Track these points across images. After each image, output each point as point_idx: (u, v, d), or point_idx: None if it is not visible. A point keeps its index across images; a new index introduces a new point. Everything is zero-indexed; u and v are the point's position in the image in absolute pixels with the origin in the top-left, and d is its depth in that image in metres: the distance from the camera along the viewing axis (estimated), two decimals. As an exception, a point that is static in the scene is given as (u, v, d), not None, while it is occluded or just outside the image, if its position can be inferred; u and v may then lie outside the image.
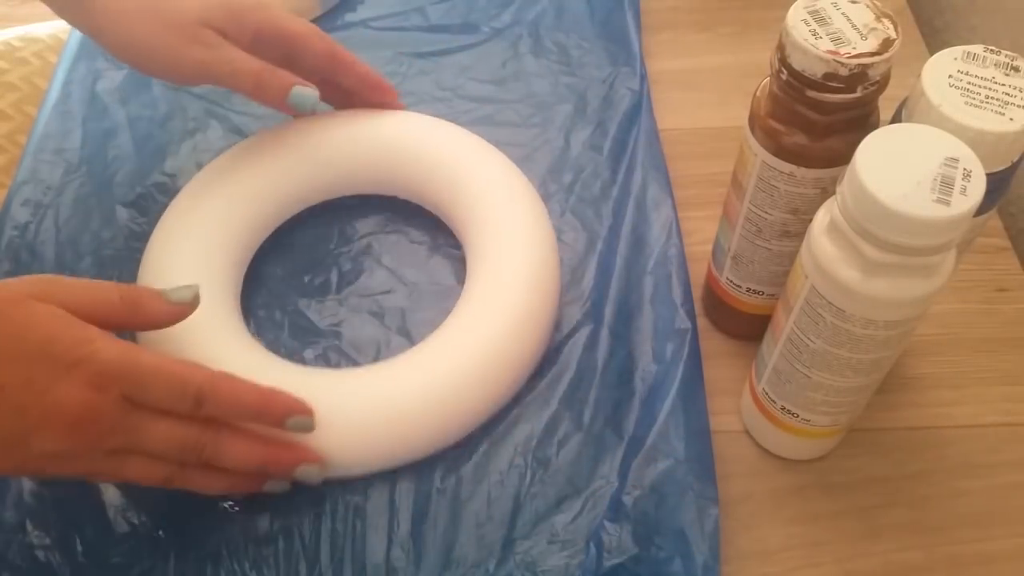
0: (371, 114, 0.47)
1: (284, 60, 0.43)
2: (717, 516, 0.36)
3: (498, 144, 0.48)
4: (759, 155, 0.34)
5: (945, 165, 0.27)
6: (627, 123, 0.51)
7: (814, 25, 0.31)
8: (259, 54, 0.42)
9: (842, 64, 0.30)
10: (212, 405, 0.33)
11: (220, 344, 0.39)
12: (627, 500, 0.37)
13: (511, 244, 0.42)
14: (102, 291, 0.33)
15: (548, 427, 0.40)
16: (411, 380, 0.38)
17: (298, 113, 0.44)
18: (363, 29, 0.57)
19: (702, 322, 0.44)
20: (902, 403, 0.41)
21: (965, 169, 0.27)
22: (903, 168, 0.27)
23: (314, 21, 0.58)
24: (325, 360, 0.43)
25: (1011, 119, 0.29)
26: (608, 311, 0.43)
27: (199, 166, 0.50)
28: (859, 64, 0.30)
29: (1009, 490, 0.39)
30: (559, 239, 0.47)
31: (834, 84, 0.31)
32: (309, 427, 0.36)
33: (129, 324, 0.34)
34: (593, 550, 0.36)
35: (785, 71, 0.31)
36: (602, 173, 0.49)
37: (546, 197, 0.48)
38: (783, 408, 0.37)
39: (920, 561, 0.37)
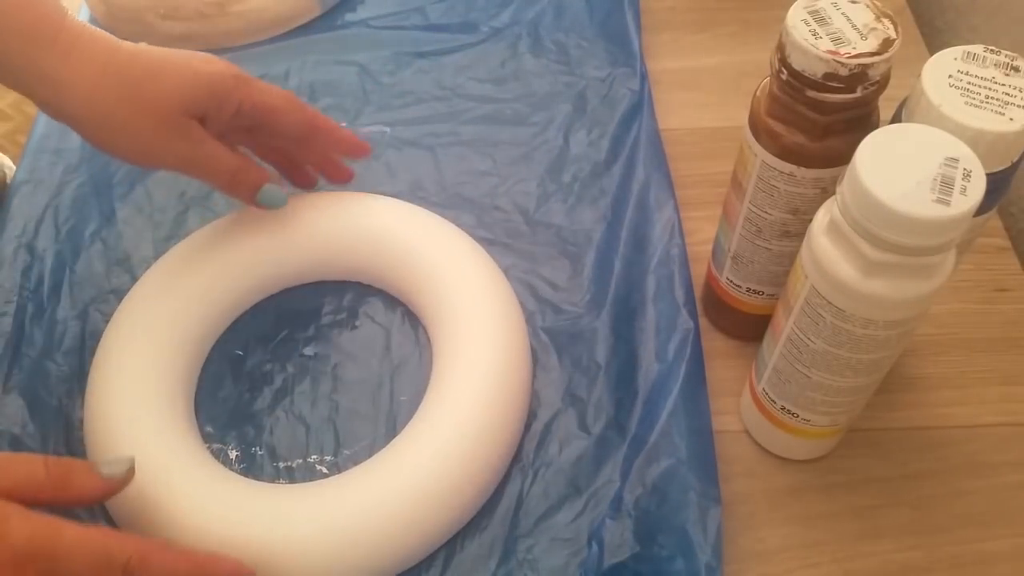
0: (333, 199, 0.45)
1: (258, 131, 0.42)
2: (720, 515, 0.36)
3: (497, 143, 0.48)
4: (759, 155, 0.34)
5: (945, 165, 0.27)
6: (626, 123, 0.51)
7: (814, 25, 0.31)
8: (237, 125, 0.41)
9: (842, 64, 0.30)
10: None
11: (170, 456, 0.37)
12: (629, 499, 0.37)
13: (478, 344, 0.39)
14: (27, 465, 0.31)
15: (550, 426, 0.40)
16: (361, 500, 0.36)
17: (266, 209, 0.43)
18: (363, 28, 0.57)
19: (702, 322, 0.44)
20: (902, 403, 0.42)
21: (965, 169, 0.27)
22: (903, 168, 0.27)
23: (314, 21, 0.58)
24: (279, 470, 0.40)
25: (1011, 119, 0.29)
26: (609, 310, 0.43)
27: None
28: (859, 64, 0.30)
29: (1009, 490, 0.39)
30: (558, 237, 0.47)
31: (834, 84, 0.31)
32: None
33: (58, 500, 0.32)
34: (595, 548, 0.36)
35: (785, 71, 0.31)
36: (601, 173, 0.49)
37: (545, 197, 0.48)
38: (783, 408, 0.37)
39: (921, 561, 0.37)
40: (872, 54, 0.30)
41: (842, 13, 0.31)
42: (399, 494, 0.36)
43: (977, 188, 0.27)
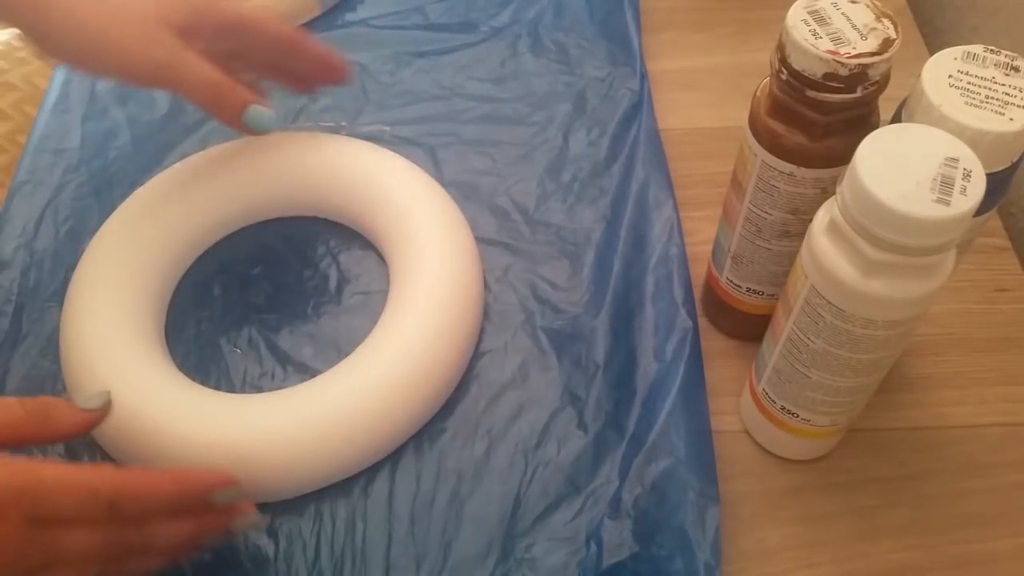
0: (291, 138, 0.47)
1: (243, 50, 0.42)
2: (719, 515, 0.36)
3: (497, 143, 0.48)
4: (759, 155, 0.34)
5: (945, 165, 0.27)
6: (626, 122, 0.51)
7: (814, 25, 0.31)
8: (218, 47, 0.40)
9: (842, 64, 0.30)
10: (128, 506, 0.31)
11: (143, 376, 0.39)
12: (628, 498, 0.37)
13: (431, 256, 0.42)
14: (4, 409, 0.31)
15: (549, 425, 0.40)
16: (334, 399, 0.38)
17: (253, 133, 0.42)
18: (363, 28, 0.57)
19: (702, 322, 0.44)
20: (902, 403, 0.41)
21: (965, 169, 0.27)
22: (903, 168, 0.27)
23: (314, 21, 0.58)
24: (250, 383, 0.43)
25: (1011, 119, 0.29)
26: (608, 310, 0.43)
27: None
28: (859, 64, 0.30)
29: (1010, 490, 0.39)
30: (558, 236, 0.47)
31: (834, 84, 0.30)
32: (239, 496, 0.34)
33: (40, 438, 0.32)
34: (593, 548, 0.36)
35: (785, 71, 0.31)
36: (601, 172, 0.49)
37: (544, 196, 0.48)
38: (783, 408, 0.37)
39: (921, 561, 0.37)
40: (872, 54, 0.30)
41: (842, 13, 0.31)
42: (367, 390, 0.38)
43: (977, 188, 0.27)
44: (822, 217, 0.31)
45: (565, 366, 0.42)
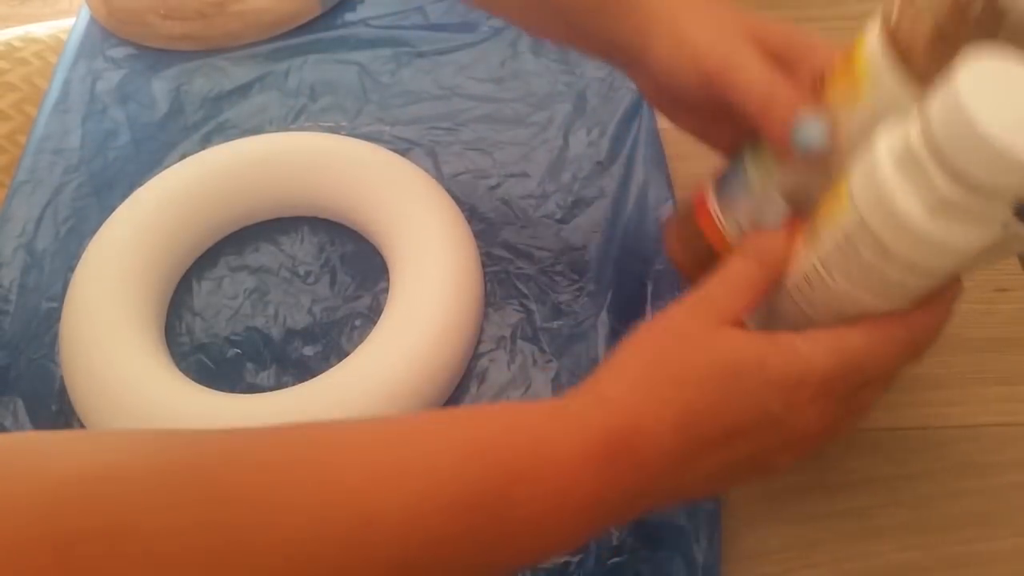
0: (292, 138, 0.48)
1: None
2: (718, 515, 0.36)
3: (497, 143, 0.48)
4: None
5: None
6: (626, 122, 0.51)
7: None
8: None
9: None
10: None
11: (144, 377, 0.39)
12: (627, 500, 0.37)
13: (431, 256, 0.42)
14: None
15: (548, 427, 0.40)
16: (335, 399, 0.38)
17: (797, 152, 0.33)
18: (363, 28, 0.57)
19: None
20: (902, 403, 0.41)
21: None
22: (1010, 98, 0.23)
23: (314, 20, 0.58)
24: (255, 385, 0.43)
25: None
26: (609, 310, 0.43)
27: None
28: None
29: (1009, 490, 0.39)
30: (558, 236, 0.47)
31: None
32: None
33: None
34: (594, 548, 0.36)
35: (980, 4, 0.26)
36: (601, 172, 0.49)
37: (544, 196, 0.48)
38: None
39: (920, 561, 0.37)
40: None
41: None
42: (368, 390, 0.38)
43: None
44: (891, 143, 0.26)
45: (565, 366, 0.42)
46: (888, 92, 0.29)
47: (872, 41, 0.30)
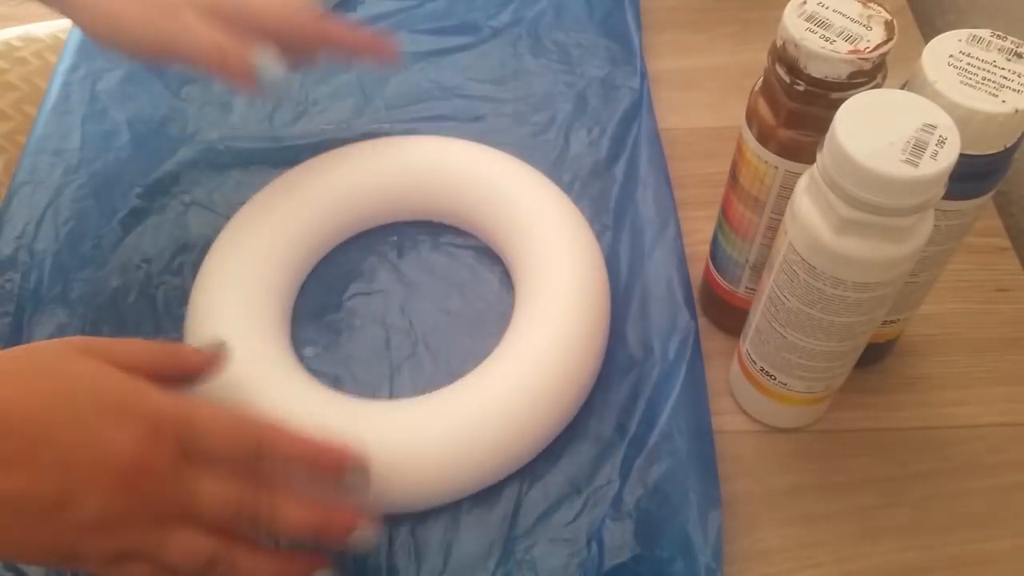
0: (412, 141, 0.47)
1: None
2: (720, 516, 0.36)
3: (497, 144, 0.48)
4: (781, 166, 0.34)
5: (922, 130, 0.28)
6: (627, 122, 0.51)
7: (819, 31, 0.30)
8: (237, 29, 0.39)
9: (866, 59, 0.30)
10: (271, 454, 0.31)
11: (273, 380, 0.39)
12: (629, 499, 0.37)
13: (560, 272, 0.41)
14: (141, 344, 0.33)
15: (549, 427, 0.40)
16: (464, 413, 0.37)
17: (265, 91, 0.40)
18: (364, 28, 0.57)
19: (701, 321, 0.44)
20: (903, 403, 0.41)
21: (941, 136, 0.27)
22: (880, 129, 0.28)
23: (314, 21, 0.58)
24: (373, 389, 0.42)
25: (1003, 101, 0.29)
26: (608, 309, 0.43)
27: (198, 167, 0.50)
28: (880, 54, 0.30)
29: (1010, 491, 0.39)
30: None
31: (859, 80, 0.31)
32: (365, 480, 0.33)
33: (173, 369, 0.33)
34: (595, 549, 0.36)
35: (802, 82, 0.31)
36: (602, 172, 0.49)
37: (546, 197, 0.48)
38: (762, 369, 0.37)
39: (921, 561, 0.37)
40: (886, 40, 0.30)
41: (834, 11, 0.31)
42: (500, 402, 0.37)
43: (949, 155, 0.27)
44: (805, 178, 0.31)
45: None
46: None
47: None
